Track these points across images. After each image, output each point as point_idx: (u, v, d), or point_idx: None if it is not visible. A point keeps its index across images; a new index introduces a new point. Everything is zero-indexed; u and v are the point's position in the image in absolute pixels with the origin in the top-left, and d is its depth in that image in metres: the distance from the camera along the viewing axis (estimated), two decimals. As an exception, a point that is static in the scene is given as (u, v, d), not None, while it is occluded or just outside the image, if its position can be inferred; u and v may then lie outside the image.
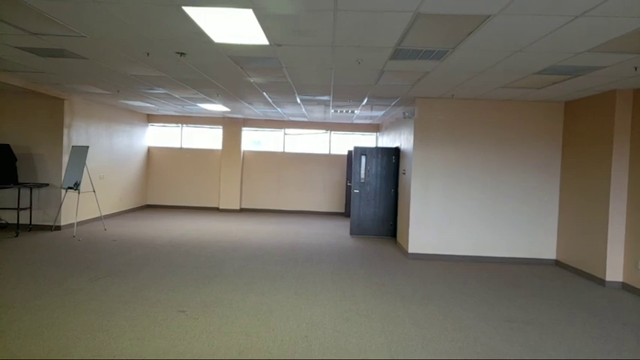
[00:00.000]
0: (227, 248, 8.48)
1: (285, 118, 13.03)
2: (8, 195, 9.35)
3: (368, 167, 10.31)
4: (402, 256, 8.44)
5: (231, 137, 13.89)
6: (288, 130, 14.12)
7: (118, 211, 12.18)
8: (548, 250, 8.27)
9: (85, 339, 4.15)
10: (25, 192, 9.34)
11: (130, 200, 12.97)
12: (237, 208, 13.96)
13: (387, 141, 12.08)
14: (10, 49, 5.64)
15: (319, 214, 13.76)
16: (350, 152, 13.28)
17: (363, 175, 10.33)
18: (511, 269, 7.78)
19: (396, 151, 10.14)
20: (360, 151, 10.41)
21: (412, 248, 8.39)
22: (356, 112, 10.64)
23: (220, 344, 4.18)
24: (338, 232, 10.87)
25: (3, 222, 9.52)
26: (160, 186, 14.17)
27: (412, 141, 8.49)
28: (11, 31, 4.84)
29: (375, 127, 13.84)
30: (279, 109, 10.88)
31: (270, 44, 4.93)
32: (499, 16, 3.84)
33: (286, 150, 14.16)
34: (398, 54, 5.16)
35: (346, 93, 8.03)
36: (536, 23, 4.01)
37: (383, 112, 10.62)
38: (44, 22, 4.46)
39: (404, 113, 9.33)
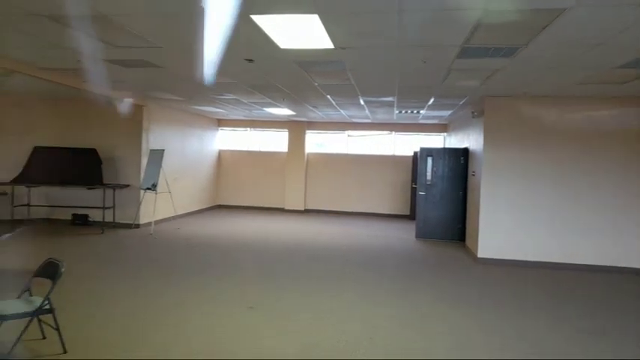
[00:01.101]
0: (292, 248, 8.65)
1: (349, 120, 13.06)
2: (95, 195, 10.07)
3: (434, 168, 10.11)
4: (471, 261, 8.20)
5: (296, 140, 14.13)
6: (351, 132, 14.15)
7: (190, 210, 12.76)
8: (630, 258, 7.70)
9: (157, 332, 4.40)
10: (109, 192, 10.04)
11: (201, 201, 13.55)
12: (302, 208, 14.18)
13: (454, 141, 11.78)
14: (99, 61, 6.10)
15: (383, 217, 13.65)
16: (415, 153, 13.07)
17: (429, 177, 10.14)
18: (589, 277, 7.33)
19: (464, 152, 9.87)
20: (426, 152, 10.23)
21: (482, 252, 8.13)
22: (422, 112, 10.47)
23: (286, 341, 4.28)
24: (403, 234, 10.74)
25: (91, 220, 10.28)
26: (229, 187, 14.69)
27: (481, 141, 8.23)
28: (101, 46, 5.24)
29: (442, 127, 13.54)
30: (342, 111, 10.94)
31: (335, 47, 4.99)
32: (576, 8, 3.65)
33: (349, 152, 14.19)
34: (465, 52, 5.04)
35: (411, 93, 7.94)
36: (617, 14, 3.77)
37: (450, 112, 10.37)
38: (128, 36, 4.79)
39: (472, 113, 9.06)
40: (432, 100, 8.61)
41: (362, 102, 9.14)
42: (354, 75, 6.46)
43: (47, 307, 3.74)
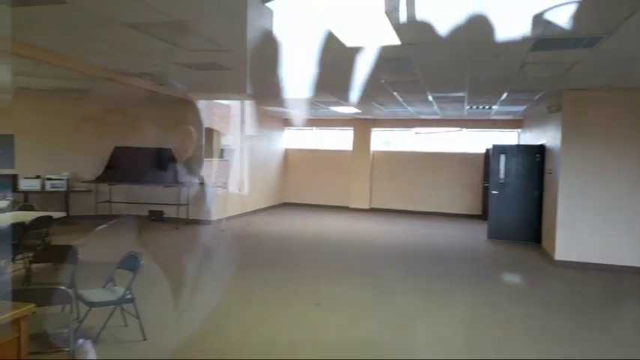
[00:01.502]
0: (357, 246, 8.64)
1: (416, 117, 12.82)
2: (170, 193, 10.60)
3: (508, 166, 9.68)
4: (547, 263, 7.78)
5: (361, 138, 14.09)
6: (419, 129, 13.87)
7: (259, 208, 13.10)
8: None
9: (226, 325, 4.56)
10: (184, 190, 10.54)
11: (269, 198, 13.88)
12: (367, 207, 14.11)
13: (529, 138, 11.22)
14: (172, 65, 6.42)
15: (453, 216, 13.25)
16: (487, 151, 12.58)
17: (502, 175, 9.73)
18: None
19: (540, 149, 9.37)
20: (498, 150, 9.82)
21: (559, 255, 7.68)
22: (494, 107, 10.06)
23: (353, 337, 4.29)
24: (474, 235, 10.39)
25: (165, 216, 10.85)
26: (295, 185, 14.93)
27: (559, 137, 7.78)
28: (174, 50, 5.51)
29: (516, 123, 12.93)
30: (409, 108, 10.76)
31: (402, 44, 4.91)
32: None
33: (417, 149, 13.93)
34: (541, 44, 4.78)
35: (483, 88, 7.65)
36: None
37: (525, 107, 9.89)
38: (199, 40, 5.00)
39: (549, 107, 8.59)
40: (505, 95, 8.25)
41: (430, 98, 8.94)
42: (422, 71, 6.33)
43: (129, 296, 4.00)
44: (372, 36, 4.67)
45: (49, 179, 10.07)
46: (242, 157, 11.94)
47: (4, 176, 9.82)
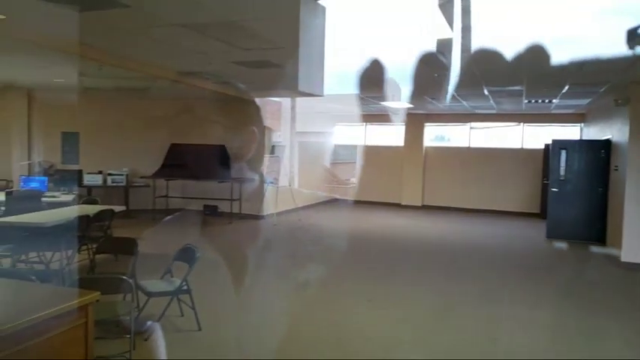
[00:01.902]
0: (409, 244, 8.53)
1: (471, 111, 12.46)
2: (223, 188, 10.87)
3: (569, 163, 9.21)
4: (612, 265, 7.36)
5: (414, 133, 13.85)
6: (474, 124, 13.49)
7: (309, 203, 13.20)
8: None
9: (276, 319, 4.62)
10: (236, 186, 10.78)
11: (320, 194, 13.95)
12: (420, 204, 13.87)
13: (593, 133, 10.65)
14: (227, 64, 6.57)
15: (510, 214, 12.77)
16: (547, 146, 12.03)
17: (562, 172, 9.27)
18: None
19: (605, 145, 8.86)
20: (559, 145, 9.37)
21: (627, 256, 7.24)
22: (554, 101, 9.61)
23: (404, 335, 4.24)
24: (531, 234, 9.98)
25: (219, 211, 11.15)
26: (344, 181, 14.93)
27: (627, 132, 7.33)
28: (229, 49, 5.63)
29: (578, 117, 12.29)
30: (464, 102, 10.48)
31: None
32: None
33: (472, 145, 13.54)
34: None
35: (542, 81, 7.33)
36: None
37: (588, 100, 9.38)
38: (254, 39, 5.09)
39: (616, 101, 8.09)
40: (566, 88, 7.86)
41: (486, 92, 8.66)
42: (477, 64, 6.14)
43: (185, 287, 4.14)
44: (425, 29, 4.58)
45: (110, 175, 10.58)
46: (292, 153, 12.06)
47: (71, 172, 10.42)
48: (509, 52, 5.50)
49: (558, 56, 5.66)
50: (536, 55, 5.53)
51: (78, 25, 4.77)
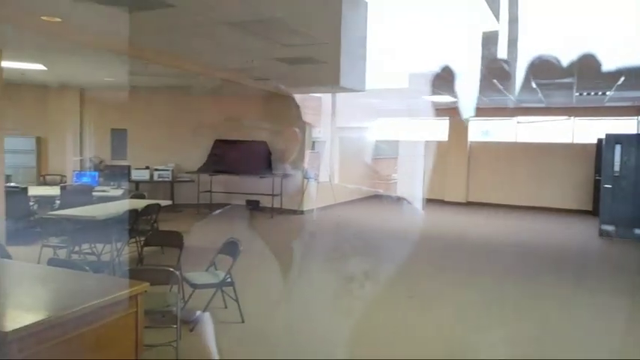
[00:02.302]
0: (453, 241, 8.38)
1: (518, 105, 12.08)
2: (265, 183, 11.02)
3: (624, 158, 8.77)
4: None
5: (457, 128, 13.56)
6: (520, 118, 13.06)
7: (349, 199, 13.17)
8: None
9: (317, 314, 4.65)
10: (277, 181, 10.90)
11: (360, 190, 13.90)
12: (464, 201, 13.59)
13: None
14: (269, 61, 6.64)
15: (558, 211, 12.32)
16: (600, 141, 11.51)
17: (617, 167, 8.85)
18: None
19: (664, 139, 8.41)
20: (613, 139, 8.94)
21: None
22: (608, 93, 9.17)
23: (448, 333, 4.18)
24: (583, 232, 9.60)
25: (261, 205, 11.30)
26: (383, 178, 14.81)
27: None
28: (271, 45, 5.69)
29: (635, 110, 11.68)
30: (510, 96, 10.17)
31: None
32: None
33: (519, 140, 13.13)
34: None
35: (595, 72, 7.01)
36: None
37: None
38: (296, 35, 5.12)
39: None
40: (622, 80, 7.49)
41: (534, 85, 8.37)
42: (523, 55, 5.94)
43: (229, 280, 4.23)
44: (471, 21, 4.48)
45: (157, 170, 10.92)
46: (332, 148, 12.07)
47: (120, 167, 10.83)
48: (560, 45, 5.31)
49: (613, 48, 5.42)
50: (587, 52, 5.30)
51: (128, 25, 4.94)
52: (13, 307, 2.82)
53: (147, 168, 10.87)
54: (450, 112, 13.52)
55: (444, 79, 8.08)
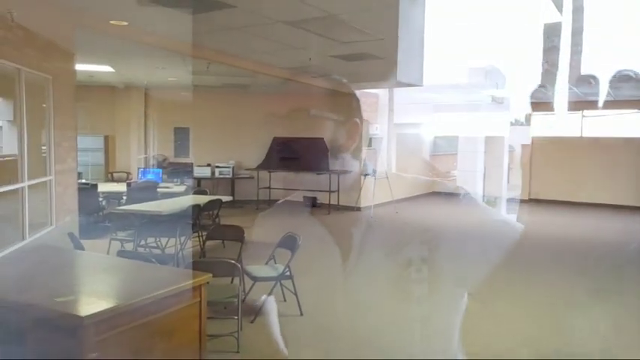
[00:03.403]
0: (512, 238, 8.09)
1: (583, 98, 11.44)
2: (322, 180, 11.10)
3: None
4: None
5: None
6: (587, 112, 12.37)
7: (407, 196, 13.01)
8: None
9: (374, 309, 4.64)
10: (334, 178, 10.96)
11: (417, 187, 13.70)
12: (526, 197, 13.06)
13: None
14: (326, 58, 6.68)
15: (626, 208, 11.56)
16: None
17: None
18: None
19: None
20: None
21: None
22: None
23: (506, 331, 4.06)
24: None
25: (318, 202, 11.39)
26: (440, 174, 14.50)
27: None
28: (328, 43, 5.72)
29: None
30: (574, 89, 9.66)
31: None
32: None
33: (585, 134, 12.45)
34: None
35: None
36: None
37: None
38: (352, 31, 5.12)
39: None
40: (702, 68, 6.94)
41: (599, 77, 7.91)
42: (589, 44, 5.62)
43: (288, 273, 4.31)
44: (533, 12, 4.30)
45: (218, 167, 11.26)
46: (390, 145, 11.95)
47: (183, 164, 11.27)
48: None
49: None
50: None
51: (190, 26, 5.14)
52: (87, 294, 3.03)
53: (208, 165, 11.23)
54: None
55: (500, 73, 7.81)
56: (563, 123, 12.93)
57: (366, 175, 10.50)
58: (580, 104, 12.20)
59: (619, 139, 11.93)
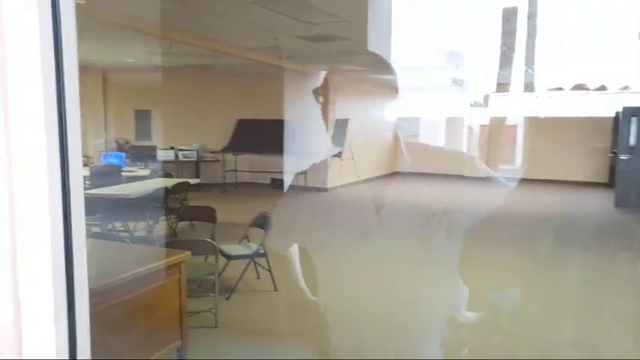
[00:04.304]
0: (471, 213, 8.49)
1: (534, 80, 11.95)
2: (290, 162, 11.15)
3: (640, 130, 8.80)
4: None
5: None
6: (538, 94, 12.91)
7: (372, 176, 13.26)
8: None
9: (349, 282, 4.82)
10: (302, 160, 11.03)
11: (381, 167, 13.99)
12: (484, 176, 13.57)
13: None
14: (293, 39, 6.71)
15: (575, 184, 12.25)
16: (618, 114, 11.36)
17: (633, 139, 8.87)
18: None
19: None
20: (629, 112, 8.98)
21: None
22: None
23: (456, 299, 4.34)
24: (598, 203, 9.66)
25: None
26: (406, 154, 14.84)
27: None
28: (295, 23, 5.76)
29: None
30: (530, 71, 10.07)
31: None
32: None
33: (535, 114, 13.03)
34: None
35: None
36: None
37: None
38: (319, 13, 5.18)
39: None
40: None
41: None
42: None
43: (262, 251, 4.41)
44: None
45: (182, 150, 11.13)
46: (356, 126, 12.11)
47: (145, 147, 11.07)
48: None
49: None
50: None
51: (153, 5, 5.06)
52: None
53: (172, 148, 11.09)
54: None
55: (461, 56, 8.07)
56: (519, 104, 13.44)
57: (332, 156, 10.66)
58: (529, 85, 12.68)
59: (571, 118, 12.54)
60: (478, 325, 3.92)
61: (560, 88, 12.53)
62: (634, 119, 8.87)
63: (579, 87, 12.15)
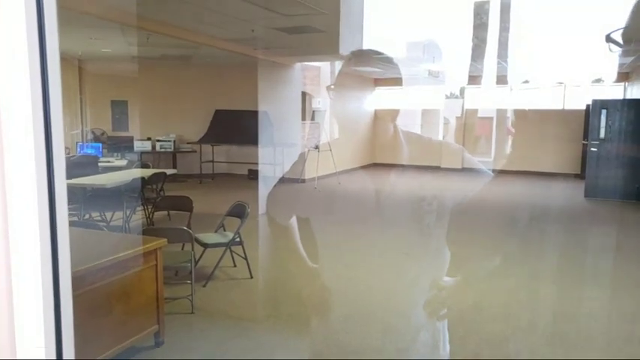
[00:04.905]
0: (446, 204, 8.71)
1: (505, 73, 12.22)
2: (266, 153, 11.24)
3: (610, 122, 9.08)
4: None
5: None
6: (513, 86, 13.24)
7: (349, 168, 13.42)
8: None
9: (321, 269, 4.97)
10: (278, 151, 11.14)
11: (359, 159, 14.16)
12: (459, 167, 13.79)
13: (638, 92, 10.33)
14: (269, 30, 6.78)
15: (548, 175, 12.64)
16: (588, 107, 11.73)
17: (602, 131, 9.18)
18: None
19: (649, 103, 8.67)
20: (599, 105, 9.25)
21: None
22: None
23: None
24: (569, 193, 10.03)
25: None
26: (385, 146, 15.02)
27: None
28: (270, 15, 5.84)
29: (622, 77, 11.87)
30: (504, 64, 10.33)
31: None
32: None
33: (512, 107, 13.36)
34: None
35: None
36: None
37: (633, 58, 9.09)
38: (294, 5, 5.28)
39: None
40: (610, 45, 7.67)
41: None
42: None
43: (238, 239, 4.53)
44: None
45: (159, 141, 11.11)
46: (332, 118, 12.24)
47: (122, 138, 11.03)
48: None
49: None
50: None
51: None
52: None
53: (149, 139, 11.06)
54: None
55: (437, 48, 8.24)
56: (492, 96, 13.76)
57: (311, 148, 10.77)
58: (502, 78, 12.96)
59: (543, 110, 12.90)
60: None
61: (526, 82, 12.86)
62: (603, 111, 9.16)
63: (553, 80, 12.49)
